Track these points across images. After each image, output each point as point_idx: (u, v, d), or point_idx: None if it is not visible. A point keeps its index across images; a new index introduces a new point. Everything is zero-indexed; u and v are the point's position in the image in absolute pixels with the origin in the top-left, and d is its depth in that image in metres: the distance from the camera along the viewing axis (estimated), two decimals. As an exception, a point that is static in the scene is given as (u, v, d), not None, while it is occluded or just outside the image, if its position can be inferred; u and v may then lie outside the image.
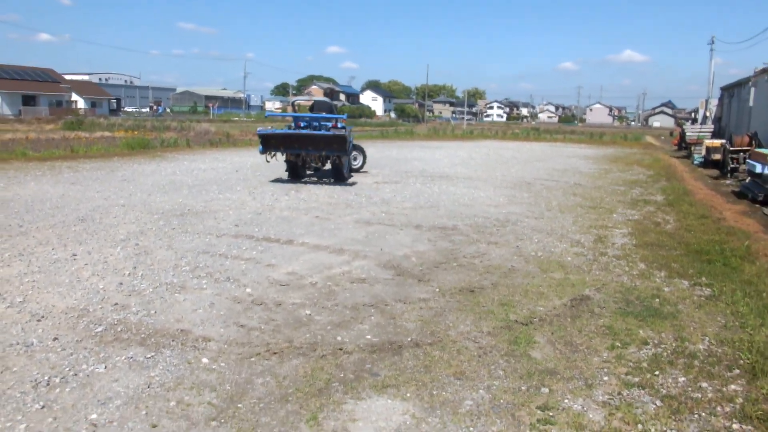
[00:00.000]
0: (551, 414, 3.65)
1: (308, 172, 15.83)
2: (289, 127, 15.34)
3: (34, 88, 65.93)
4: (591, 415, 3.65)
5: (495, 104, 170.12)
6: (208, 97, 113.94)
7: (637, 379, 4.15)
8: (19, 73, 66.13)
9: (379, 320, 5.20)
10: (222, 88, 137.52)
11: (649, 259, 7.54)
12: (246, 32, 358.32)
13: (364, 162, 17.19)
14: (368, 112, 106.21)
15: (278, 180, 14.71)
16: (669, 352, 4.64)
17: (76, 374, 4.02)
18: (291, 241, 8.08)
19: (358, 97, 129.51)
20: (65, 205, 10.37)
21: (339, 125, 14.54)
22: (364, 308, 5.49)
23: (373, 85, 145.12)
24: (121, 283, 5.99)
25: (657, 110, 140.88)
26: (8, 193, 11.46)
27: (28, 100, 64.10)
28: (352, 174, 15.94)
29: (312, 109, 16.60)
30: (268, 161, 14.99)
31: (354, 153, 16.34)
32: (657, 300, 5.89)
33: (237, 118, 78.02)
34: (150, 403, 3.68)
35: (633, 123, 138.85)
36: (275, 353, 4.46)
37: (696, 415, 3.67)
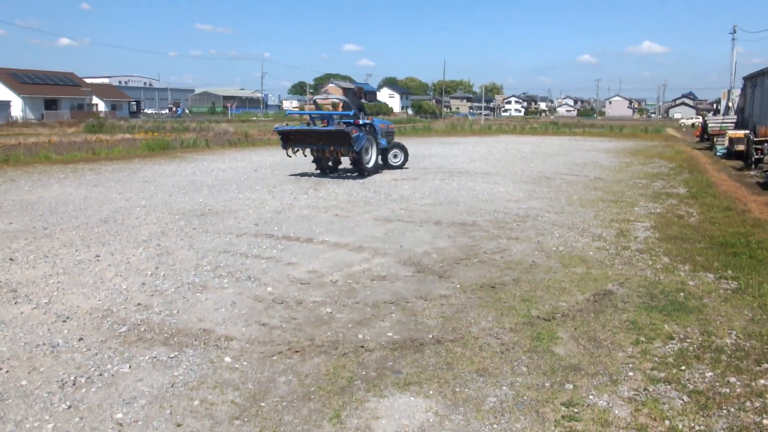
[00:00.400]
0: (576, 410, 3.61)
1: (341, 167, 16.76)
2: (307, 125, 15.81)
3: (55, 92, 67.05)
4: (617, 411, 3.60)
5: (513, 99, 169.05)
6: (227, 98, 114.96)
7: (663, 375, 4.08)
8: (41, 78, 67.30)
9: (400, 317, 5.18)
10: (240, 89, 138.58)
11: (673, 252, 7.42)
12: (262, 32, 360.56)
13: (405, 159, 17.35)
14: (385, 110, 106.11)
15: (301, 174, 14.77)
16: (695, 346, 4.56)
17: (101, 374, 4.07)
18: (311, 239, 8.10)
19: (375, 95, 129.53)
20: (88, 206, 10.52)
21: (361, 122, 14.77)
22: (384, 305, 5.48)
23: (390, 82, 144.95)
24: (144, 284, 6.06)
25: (678, 102, 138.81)
26: (33, 196, 11.67)
27: (50, 104, 65.22)
28: (380, 170, 16.34)
29: (343, 107, 16.86)
30: (289, 156, 15.95)
31: (394, 150, 17.03)
32: (682, 294, 5.79)
33: (255, 118, 78.60)
34: (174, 402, 3.71)
35: (653, 115, 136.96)
36: (297, 351, 4.47)
37: (725, 411, 3.60)
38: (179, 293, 5.79)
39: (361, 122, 14.75)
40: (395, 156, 17.05)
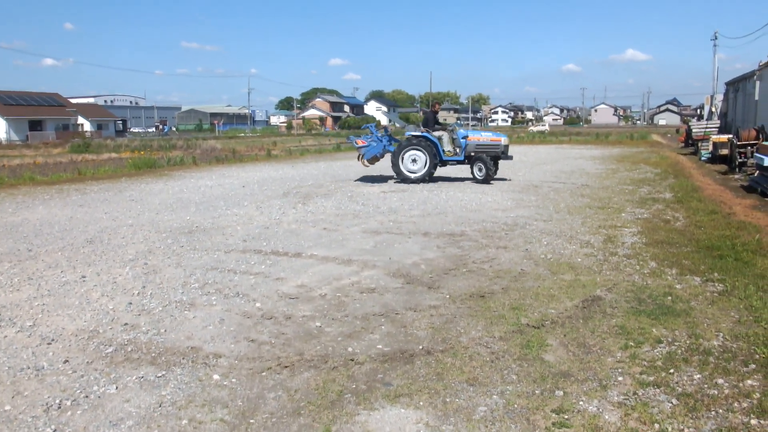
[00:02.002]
0: (566, 417, 3.60)
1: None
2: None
3: (40, 113, 66.73)
4: (607, 416, 3.60)
5: (499, 109, 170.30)
6: (214, 115, 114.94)
7: (652, 378, 4.09)
8: (25, 99, 67.00)
9: (390, 329, 5.17)
10: (227, 105, 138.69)
11: (660, 257, 7.47)
12: (249, 49, 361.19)
13: (488, 172, 16.42)
14: (372, 122, 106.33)
15: (289, 190, 14.76)
16: (683, 349, 4.58)
17: (87, 396, 4.01)
18: (299, 253, 8.08)
19: (362, 108, 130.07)
20: (74, 227, 10.43)
21: (376, 135, 17.78)
22: (374, 318, 5.46)
23: (377, 96, 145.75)
24: (131, 303, 6.01)
25: (662, 108, 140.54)
26: (17, 218, 11.55)
27: (35, 125, 64.83)
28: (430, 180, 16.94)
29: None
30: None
31: (479, 164, 16.68)
32: (669, 298, 5.83)
33: (243, 134, 78.58)
34: (162, 422, 3.67)
35: (638, 122, 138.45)
36: (286, 367, 4.44)
37: (713, 412, 3.61)
38: (167, 312, 5.74)
39: (376, 135, 17.60)
40: (480, 169, 16.61)
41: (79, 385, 4.18)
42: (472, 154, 16.79)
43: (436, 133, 16.86)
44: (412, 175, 16.67)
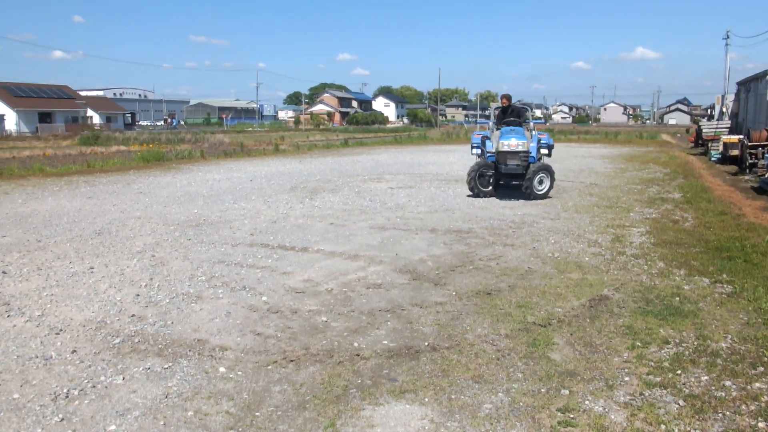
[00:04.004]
0: (572, 416, 3.59)
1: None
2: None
3: (50, 105, 67.06)
4: (613, 417, 3.58)
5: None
6: (222, 109, 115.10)
7: (658, 379, 4.07)
8: (35, 91, 67.33)
9: (396, 325, 5.17)
10: (235, 99, 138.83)
11: (668, 257, 7.43)
12: (257, 43, 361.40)
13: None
14: (381, 119, 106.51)
15: (296, 184, 14.77)
16: (691, 350, 4.56)
17: (94, 386, 4.04)
18: (306, 248, 8.09)
19: (370, 104, 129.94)
20: (82, 219, 10.49)
21: None
22: (380, 313, 5.46)
23: (385, 91, 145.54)
24: (138, 295, 6.03)
25: (672, 108, 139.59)
26: (26, 209, 11.63)
27: (45, 117, 65.18)
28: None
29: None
30: None
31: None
32: (677, 298, 5.79)
33: (250, 129, 78.70)
34: (168, 413, 3.68)
35: (648, 121, 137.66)
36: (292, 361, 4.44)
37: (720, 414, 3.59)
38: (174, 304, 5.76)
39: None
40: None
41: (86, 375, 4.20)
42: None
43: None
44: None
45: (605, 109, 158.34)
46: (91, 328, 5.10)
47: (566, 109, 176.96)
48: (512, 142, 12.43)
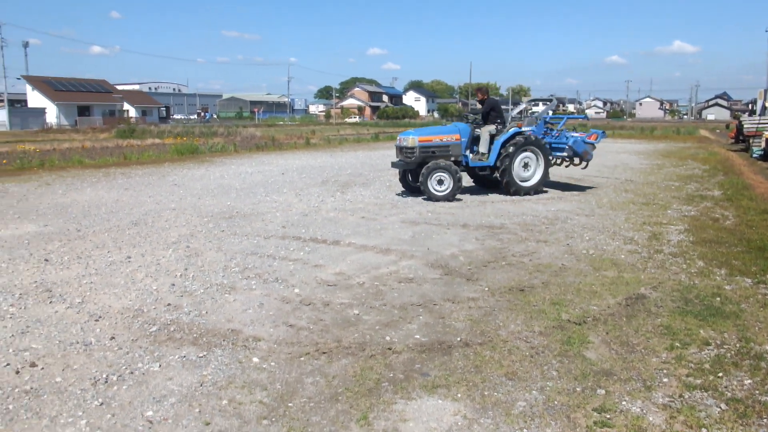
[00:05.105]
0: (608, 416, 3.52)
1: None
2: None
3: (88, 99, 68.75)
4: (651, 418, 3.50)
5: (540, 101, 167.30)
6: (254, 103, 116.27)
7: (699, 381, 3.96)
8: (74, 85, 69.10)
9: (428, 320, 5.14)
10: (266, 93, 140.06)
11: (708, 256, 7.23)
12: (288, 37, 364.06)
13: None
14: (411, 113, 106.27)
15: (327, 177, 14.83)
16: (733, 353, 4.43)
17: (132, 372, 4.12)
18: (338, 241, 8.11)
19: (401, 98, 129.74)
20: (119, 209, 10.72)
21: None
22: (412, 308, 5.45)
23: (416, 86, 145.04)
24: (174, 284, 6.13)
25: (711, 102, 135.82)
26: (67, 199, 11.93)
27: (83, 111, 66.87)
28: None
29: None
30: None
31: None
32: (718, 299, 5.63)
33: (282, 122, 79.36)
34: (203, 401, 3.73)
35: (686, 116, 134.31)
36: (324, 353, 4.46)
37: (765, 420, 3.48)
38: (208, 294, 5.84)
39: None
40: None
41: (124, 361, 4.29)
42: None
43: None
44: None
45: (640, 104, 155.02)
46: (129, 316, 5.21)
47: (600, 104, 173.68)
48: (405, 138, 11.99)
